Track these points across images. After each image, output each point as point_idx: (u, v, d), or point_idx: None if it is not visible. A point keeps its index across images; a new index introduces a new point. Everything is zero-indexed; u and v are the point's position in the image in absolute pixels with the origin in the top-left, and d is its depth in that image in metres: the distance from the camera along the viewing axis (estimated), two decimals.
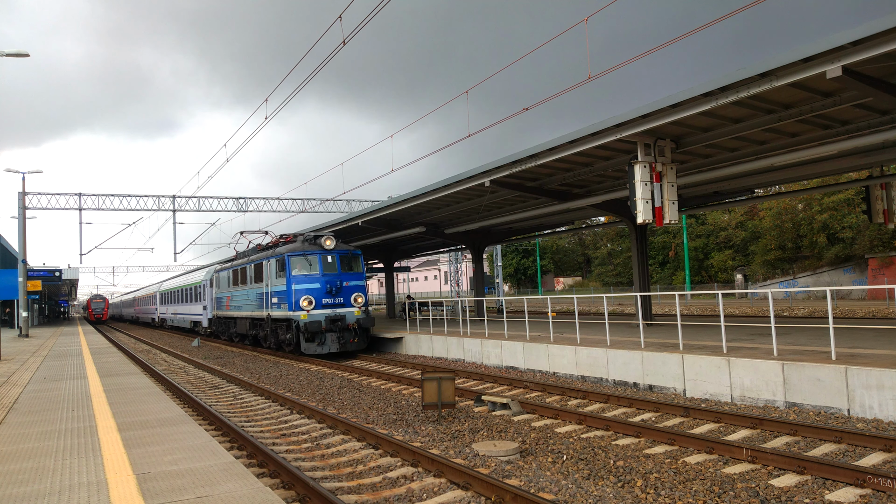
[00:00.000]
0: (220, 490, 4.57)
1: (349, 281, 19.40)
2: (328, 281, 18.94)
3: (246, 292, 23.23)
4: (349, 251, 20.07)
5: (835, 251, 41.49)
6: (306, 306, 18.48)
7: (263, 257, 21.42)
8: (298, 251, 19.29)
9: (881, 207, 15.98)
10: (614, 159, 14.42)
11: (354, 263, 20.12)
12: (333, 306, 18.92)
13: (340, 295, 19.09)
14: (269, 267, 20.58)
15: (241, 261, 24.49)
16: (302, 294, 18.67)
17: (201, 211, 35.42)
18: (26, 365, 15.18)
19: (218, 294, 27.97)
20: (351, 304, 19.19)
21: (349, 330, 18.88)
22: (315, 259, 19.21)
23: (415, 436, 8.67)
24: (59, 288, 55.15)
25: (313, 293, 18.73)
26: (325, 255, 19.36)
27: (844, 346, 10.78)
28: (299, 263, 19.14)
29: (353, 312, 19.08)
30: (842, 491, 5.89)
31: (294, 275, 18.94)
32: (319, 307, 18.66)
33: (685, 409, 9.35)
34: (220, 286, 27.48)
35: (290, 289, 18.89)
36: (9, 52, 20.30)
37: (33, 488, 4.77)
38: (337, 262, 19.47)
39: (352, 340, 18.87)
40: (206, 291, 30.56)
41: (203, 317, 31.42)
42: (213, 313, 29.22)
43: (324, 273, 19.06)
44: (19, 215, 29.94)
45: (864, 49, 8.05)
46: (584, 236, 77.28)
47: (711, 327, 15.21)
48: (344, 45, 12.97)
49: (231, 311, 25.62)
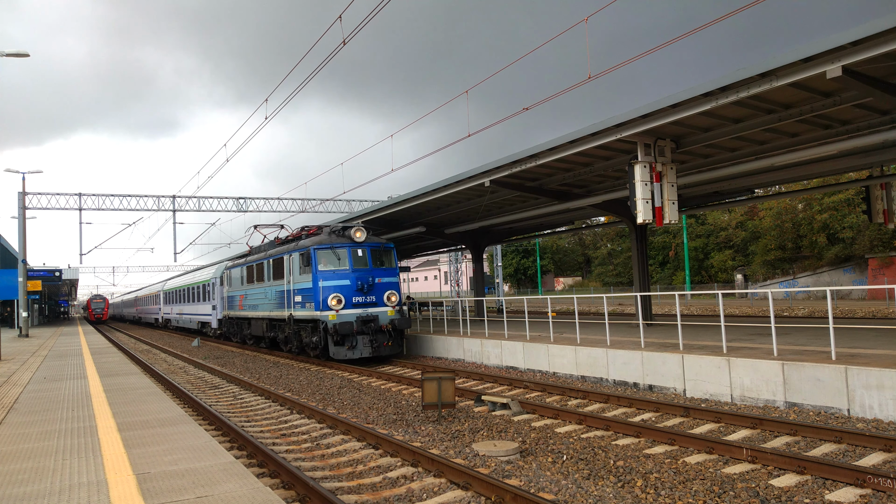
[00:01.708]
0: (220, 490, 4.57)
1: (382, 277, 17.51)
2: (359, 277, 17.05)
3: (263, 290, 21.31)
4: (381, 244, 18.16)
5: (835, 251, 41.49)
6: (335, 305, 16.61)
7: (284, 251, 19.38)
8: (325, 244, 17.33)
9: (881, 207, 15.98)
10: (614, 159, 14.42)
11: (387, 258, 18.19)
12: (365, 305, 17.08)
13: (372, 293, 17.22)
14: (290, 262, 18.67)
15: (257, 256, 22.37)
16: (330, 292, 16.75)
17: (201, 211, 35.45)
18: (26, 365, 15.18)
19: (229, 293, 26.14)
20: (384, 302, 17.30)
21: (382, 332, 17.00)
22: (344, 253, 17.29)
23: (415, 436, 8.67)
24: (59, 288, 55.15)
25: (343, 291, 16.83)
26: (355, 248, 17.43)
27: (844, 346, 10.78)
28: (326, 257, 17.22)
29: (386, 312, 17.21)
30: (842, 491, 5.89)
31: (321, 270, 17.03)
32: (349, 306, 16.82)
33: (685, 409, 9.35)
34: (232, 284, 25.58)
35: (316, 286, 17.00)
36: (9, 52, 20.31)
37: (33, 488, 4.77)
38: (368, 257, 17.56)
39: (385, 344, 16.99)
40: (215, 290, 28.87)
41: (212, 317, 29.72)
42: (224, 313, 27.46)
43: (354, 268, 17.15)
44: (19, 215, 29.94)
45: (864, 49, 8.05)
46: (584, 236, 77.30)
47: (711, 327, 15.21)
48: (344, 44, 12.97)
49: (245, 311, 23.79)
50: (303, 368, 17.40)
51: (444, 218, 23.10)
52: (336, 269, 17.10)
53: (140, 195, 34.07)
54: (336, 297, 16.69)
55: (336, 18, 12.89)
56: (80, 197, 32.86)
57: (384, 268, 17.87)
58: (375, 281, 17.26)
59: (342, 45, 12.98)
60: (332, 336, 16.41)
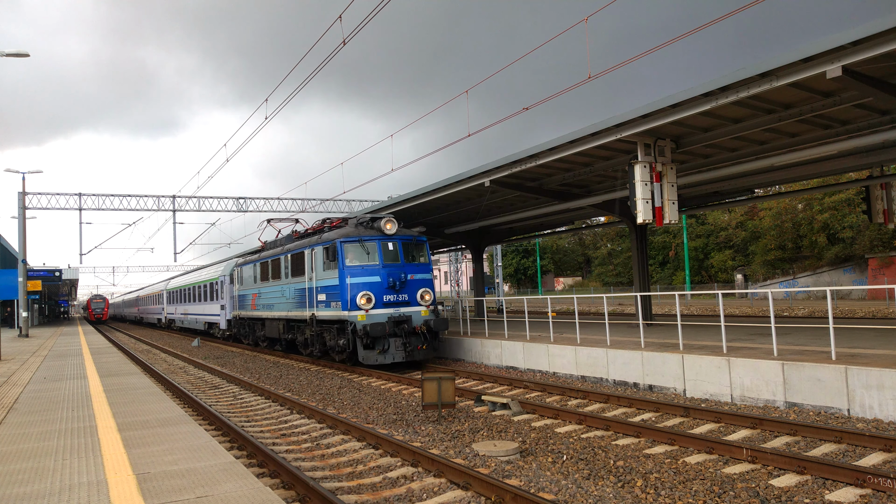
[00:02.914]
0: (220, 490, 4.57)
1: (414, 273, 15.99)
2: (390, 273, 15.54)
3: (279, 289, 19.76)
4: (413, 237, 16.62)
5: (835, 251, 41.50)
6: (364, 305, 15.11)
7: (304, 245, 17.79)
8: (353, 236, 15.79)
9: (881, 207, 15.99)
10: (614, 159, 14.42)
11: (419, 252, 16.68)
12: (397, 304, 15.60)
13: (404, 291, 15.72)
14: (312, 257, 17.08)
15: (273, 251, 20.78)
16: (359, 290, 15.21)
17: (201, 211, 35.44)
18: (26, 365, 15.18)
19: (241, 291, 24.52)
20: (417, 302, 15.81)
21: (416, 334, 15.44)
22: (373, 246, 15.75)
23: (415, 436, 8.67)
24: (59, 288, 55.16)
25: (373, 288, 15.33)
26: (385, 241, 15.90)
27: (844, 346, 10.78)
28: (354, 252, 15.68)
29: (419, 312, 15.72)
30: (842, 491, 5.89)
31: (348, 265, 15.48)
32: (380, 306, 15.33)
33: (685, 409, 9.35)
34: (244, 282, 23.91)
35: (343, 283, 15.42)
36: (9, 52, 20.30)
37: (33, 488, 4.77)
38: (399, 251, 16.03)
39: (419, 347, 15.41)
40: (224, 289, 27.40)
41: (221, 318, 28.17)
42: (234, 313, 25.82)
43: (384, 264, 15.61)
44: (19, 215, 29.94)
45: (864, 49, 8.06)
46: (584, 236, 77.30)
47: (711, 327, 15.21)
48: (344, 44, 12.97)
49: (258, 310, 22.13)
50: (303, 369, 17.40)
51: (443, 218, 23.10)
52: (365, 265, 15.58)
53: (140, 195, 34.09)
54: (365, 295, 15.19)
55: (336, 18, 12.90)
56: (80, 197, 32.86)
57: (417, 263, 16.36)
58: (408, 278, 15.78)
59: (342, 44, 12.98)
60: (362, 339, 14.90)
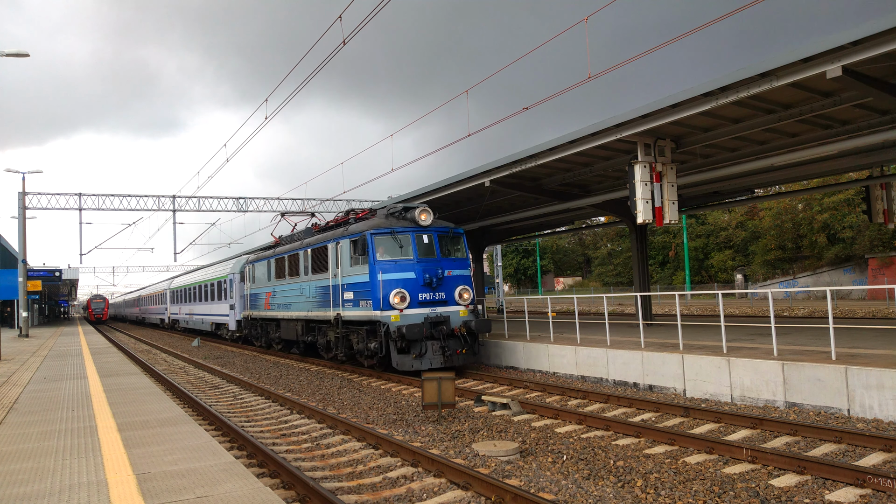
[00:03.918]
0: (221, 490, 4.57)
1: (452, 269, 14.52)
2: (426, 269, 14.08)
3: (298, 287, 18.27)
4: (450, 228, 15.11)
5: (835, 251, 41.52)
6: (398, 304, 13.68)
7: (328, 239, 16.27)
8: (384, 228, 14.31)
9: (881, 207, 16.00)
10: (614, 159, 14.43)
11: (457, 246, 15.16)
12: (433, 304, 14.10)
13: (442, 288, 14.23)
14: (337, 251, 15.54)
15: (290, 246, 19.26)
16: (392, 287, 13.75)
17: (201, 211, 35.41)
18: (26, 365, 15.18)
19: (253, 290, 22.96)
20: (455, 300, 14.34)
21: (455, 337, 13.92)
22: (407, 239, 14.27)
23: (415, 436, 8.67)
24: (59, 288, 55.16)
25: (407, 286, 13.86)
26: (419, 233, 14.43)
27: (844, 346, 10.78)
28: (385, 245, 14.20)
29: (458, 312, 14.25)
30: (842, 491, 5.89)
31: (380, 260, 14.00)
32: (415, 305, 13.87)
33: (685, 409, 9.35)
34: (256, 280, 22.44)
35: (374, 280, 13.88)
36: (9, 52, 20.30)
37: (33, 488, 4.77)
38: (435, 244, 14.55)
39: (459, 351, 13.83)
40: (233, 287, 26.05)
41: (230, 318, 26.71)
42: (245, 314, 24.29)
43: (419, 258, 14.16)
44: (19, 215, 29.95)
45: (864, 49, 8.06)
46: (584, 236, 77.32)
47: (711, 327, 15.21)
48: (344, 44, 12.97)
49: (273, 310, 20.64)
50: (303, 369, 17.40)
51: (443, 217, 23.07)
52: (398, 260, 14.11)
53: (140, 195, 34.07)
54: (399, 293, 13.74)
55: (336, 18, 12.90)
56: (80, 197, 32.85)
57: (454, 258, 14.86)
58: (445, 274, 14.30)
59: (342, 44, 12.98)
60: (396, 341, 13.41)
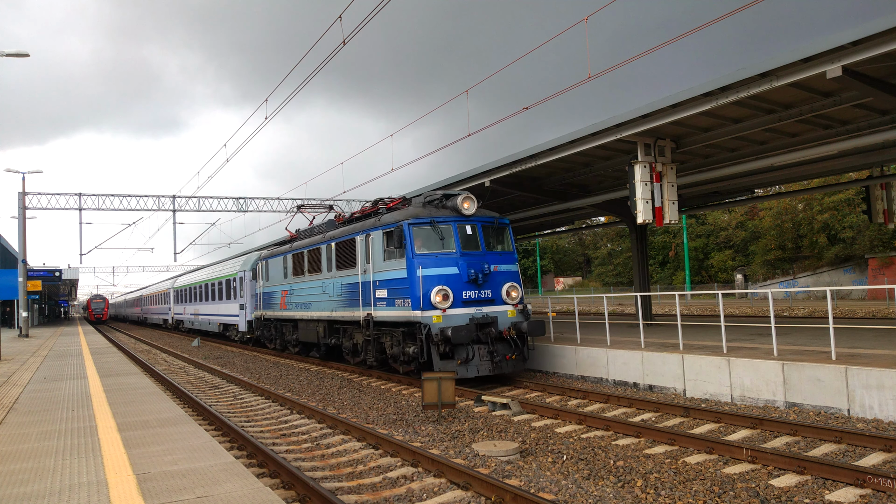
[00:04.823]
0: (221, 490, 4.57)
1: (498, 265, 12.94)
2: (470, 264, 12.54)
3: (319, 284, 16.70)
4: (494, 218, 13.51)
5: (835, 251, 41.54)
6: (441, 303, 12.11)
7: (355, 231, 14.69)
8: (423, 217, 12.73)
9: (881, 207, 16.01)
10: (614, 159, 14.44)
11: (501, 238, 13.58)
12: (479, 303, 12.57)
13: (487, 286, 12.69)
14: (369, 244, 13.94)
15: (310, 240, 17.74)
16: (434, 284, 12.21)
17: (201, 211, 35.30)
18: (26, 365, 15.18)
19: (266, 288, 21.48)
20: (502, 299, 12.79)
21: (504, 340, 12.46)
22: (449, 230, 12.71)
23: (415, 436, 8.67)
24: (59, 288, 55.20)
25: (450, 282, 12.31)
26: (462, 223, 12.86)
27: (844, 346, 10.79)
28: (424, 236, 12.64)
29: (506, 313, 12.71)
30: (842, 491, 5.89)
31: (419, 254, 12.49)
32: (459, 304, 12.32)
33: (685, 409, 9.35)
34: (270, 278, 20.94)
35: (413, 275, 12.38)
36: (9, 53, 20.31)
37: (33, 488, 4.77)
38: (479, 235, 12.99)
39: (508, 357, 12.36)
40: (244, 286, 24.65)
41: (239, 318, 25.30)
42: (257, 314, 22.88)
43: (462, 252, 12.60)
44: (19, 215, 29.94)
45: (864, 49, 8.07)
46: (584, 236, 77.34)
47: (711, 327, 15.21)
48: (344, 44, 12.97)
49: (289, 310, 19.16)
50: (303, 369, 17.39)
51: None
52: (439, 253, 12.54)
53: (140, 195, 34.03)
54: (442, 290, 12.17)
55: (336, 18, 12.90)
56: (80, 197, 32.81)
57: (500, 251, 13.31)
58: (491, 269, 12.71)
59: (342, 44, 12.98)
60: (438, 345, 11.96)
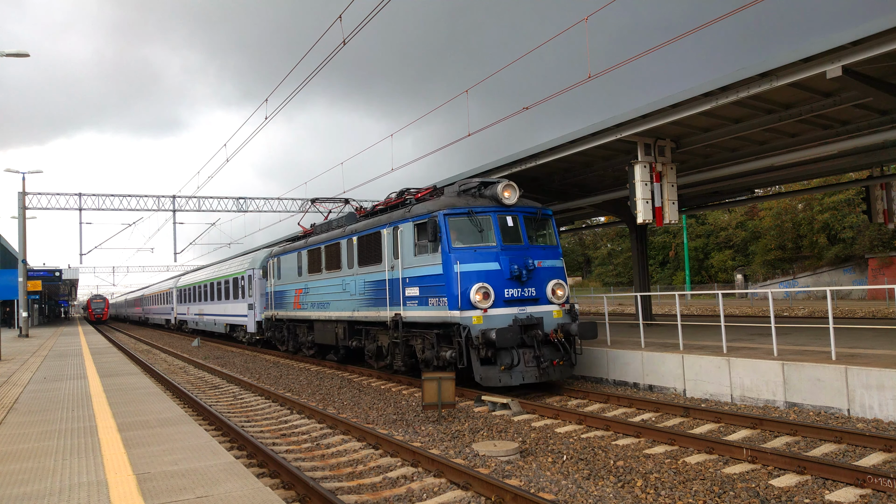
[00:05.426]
0: (221, 490, 4.57)
1: (542, 260, 11.72)
2: (512, 259, 11.33)
3: (339, 282, 15.53)
4: (537, 209, 12.27)
5: (835, 251, 41.54)
6: (481, 302, 10.90)
7: (382, 223, 13.41)
8: (460, 207, 11.54)
9: (881, 207, 16.01)
10: (614, 159, 14.44)
11: (544, 230, 12.38)
12: (522, 302, 11.36)
13: (532, 283, 11.46)
14: (396, 238, 12.72)
15: (328, 235, 16.58)
16: (473, 281, 11.01)
17: (201, 211, 35.35)
18: (26, 365, 15.18)
19: (278, 287, 20.37)
20: (547, 298, 11.58)
21: (550, 344, 11.24)
22: (488, 221, 11.52)
23: (415, 436, 8.67)
24: (59, 288, 55.20)
25: (490, 279, 11.11)
26: (503, 214, 11.65)
27: (844, 346, 10.78)
28: (461, 228, 11.44)
29: (551, 313, 11.51)
30: (842, 491, 5.89)
31: (456, 248, 11.28)
32: (500, 304, 11.13)
33: (685, 409, 9.35)
34: (283, 276, 19.84)
35: (449, 272, 11.16)
36: (9, 52, 20.32)
37: (33, 488, 4.77)
38: (521, 227, 11.77)
39: (556, 363, 11.14)
40: (253, 284, 23.67)
41: (248, 319, 24.31)
42: (268, 314, 21.69)
43: (504, 245, 11.40)
44: (19, 215, 29.95)
45: (864, 49, 8.07)
46: (584, 236, 77.34)
47: (711, 327, 15.21)
48: (344, 44, 12.97)
49: (304, 310, 18.08)
50: (303, 369, 17.39)
51: None
52: (478, 247, 11.36)
53: (140, 195, 34.06)
54: (482, 288, 10.97)
55: (336, 18, 12.90)
56: (80, 197, 32.83)
57: (543, 245, 12.08)
58: (535, 265, 11.50)
59: (342, 45, 12.98)
60: (478, 349, 10.78)
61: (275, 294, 20.77)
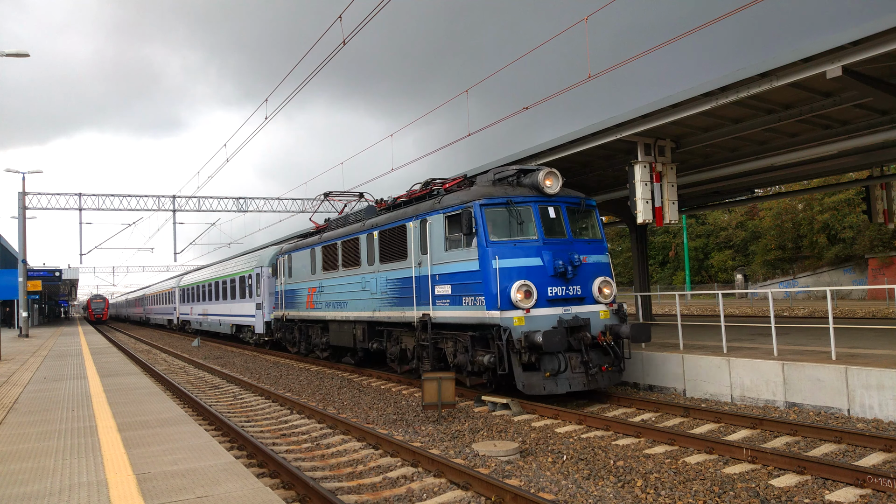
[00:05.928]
0: (221, 490, 4.57)
1: (587, 255, 10.64)
2: (556, 254, 10.29)
3: (358, 280, 14.48)
4: (581, 199, 11.23)
5: (835, 251, 41.55)
6: (523, 301, 9.86)
7: (407, 216, 12.40)
8: (498, 197, 10.50)
9: (881, 207, 16.02)
10: (614, 159, 14.44)
11: (588, 223, 11.38)
12: (567, 301, 10.30)
13: (577, 280, 10.41)
14: (424, 231, 11.67)
15: (345, 230, 15.47)
16: (513, 278, 9.96)
17: (201, 211, 35.40)
18: (26, 365, 15.18)
19: (288, 286, 19.41)
20: (594, 297, 10.55)
21: (599, 347, 10.22)
22: (528, 213, 10.49)
23: (415, 436, 8.68)
24: (59, 288, 55.19)
25: (532, 276, 10.05)
26: (544, 204, 10.64)
27: (844, 346, 10.78)
28: (499, 220, 10.43)
29: (598, 313, 10.47)
30: (842, 491, 5.89)
31: (493, 241, 10.23)
32: (543, 303, 10.06)
33: (685, 409, 9.35)
34: (294, 274, 18.87)
35: (487, 268, 10.10)
36: (9, 52, 20.32)
37: (33, 488, 4.77)
38: (564, 219, 10.77)
39: (604, 368, 10.07)
40: (261, 283, 22.78)
41: (256, 319, 23.46)
42: (278, 314, 20.68)
43: (546, 239, 10.37)
44: (19, 215, 29.96)
45: (864, 49, 8.07)
46: None
47: (711, 327, 15.21)
48: (344, 44, 12.97)
49: (318, 310, 17.08)
50: (303, 369, 17.40)
51: None
52: (518, 241, 10.30)
53: (140, 195, 34.09)
54: (524, 286, 9.90)
55: (336, 18, 12.90)
56: (80, 197, 32.85)
57: (588, 239, 11.05)
58: (580, 260, 10.43)
59: (342, 45, 12.98)
60: (521, 353, 9.71)
61: (285, 293, 19.80)
